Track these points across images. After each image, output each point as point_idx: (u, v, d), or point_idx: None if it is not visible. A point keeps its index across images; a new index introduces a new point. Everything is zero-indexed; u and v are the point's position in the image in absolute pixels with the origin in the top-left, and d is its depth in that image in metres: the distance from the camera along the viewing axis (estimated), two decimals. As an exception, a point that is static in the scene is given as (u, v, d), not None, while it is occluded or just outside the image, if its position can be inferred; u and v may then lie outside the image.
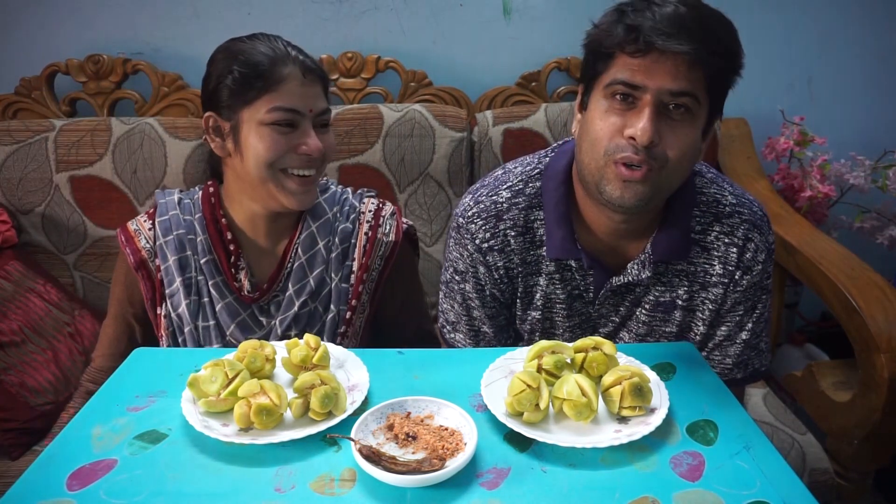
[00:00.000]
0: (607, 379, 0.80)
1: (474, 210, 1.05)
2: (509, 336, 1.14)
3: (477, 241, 1.04)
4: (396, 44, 1.87)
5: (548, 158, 1.05)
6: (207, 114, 1.06)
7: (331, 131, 1.10)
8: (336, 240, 1.14)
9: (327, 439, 0.76)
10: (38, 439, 1.41)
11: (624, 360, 0.89)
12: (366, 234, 1.16)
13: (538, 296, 1.06)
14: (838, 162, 1.88)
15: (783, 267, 1.61)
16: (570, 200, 1.01)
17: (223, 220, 1.13)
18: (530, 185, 1.03)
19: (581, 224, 1.01)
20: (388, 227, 1.17)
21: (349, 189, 1.22)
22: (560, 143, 1.08)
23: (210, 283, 1.11)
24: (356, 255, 1.15)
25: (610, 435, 0.76)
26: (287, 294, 1.12)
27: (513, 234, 1.03)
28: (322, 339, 0.90)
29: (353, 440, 0.72)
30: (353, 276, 1.15)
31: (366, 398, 0.83)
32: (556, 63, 1.85)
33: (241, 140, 1.04)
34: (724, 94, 0.91)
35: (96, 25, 1.83)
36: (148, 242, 1.13)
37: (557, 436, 0.75)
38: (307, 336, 0.88)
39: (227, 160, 1.09)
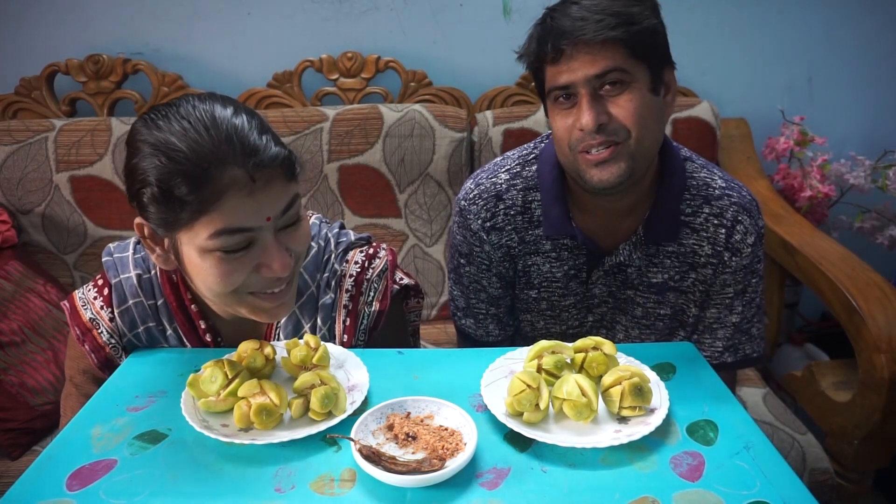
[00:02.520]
0: (607, 379, 0.80)
1: (475, 192, 1.10)
2: (517, 317, 1.18)
3: (479, 221, 1.08)
4: (396, 44, 1.88)
5: (542, 144, 1.10)
6: (138, 220, 0.82)
7: (304, 220, 0.85)
8: (319, 320, 0.96)
9: (327, 439, 0.76)
10: (38, 439, 1.41)
11: (624, 360, 0.89)
12: (345, 307, 0.96)
13: (535, 274, 1.11)
14: (838, 162, 1.88)
15: (783, 267, 1.61)
16: (565, 182, 1.06)
17: (192, 306, 0.93)
18: (527, 168, 1.09)
19: (575, 205, 1.06)
20: (371, 294, 0.97)
21: (332, 238, 1.01)
22: None
23: None
24: (337, 333, 0.97)
25: (610, 435, 0.76)
26: None
27: (512, 213, 1.08)
28: None
29: (353, 440, 0.72)
30: None
31: (366, 398, 0.82)
32: (556, 63, 1.85)
33: (183, 260, 0.82)
34: (655, 49, 0.93)
35: (96, 25, 1.83)
36: (112, 338, 0.93)
37: (557, 436, 0.75)
38: (307, 336, 0.88)
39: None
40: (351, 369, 0.89)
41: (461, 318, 1.19)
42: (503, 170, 1.10)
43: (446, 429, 0.76)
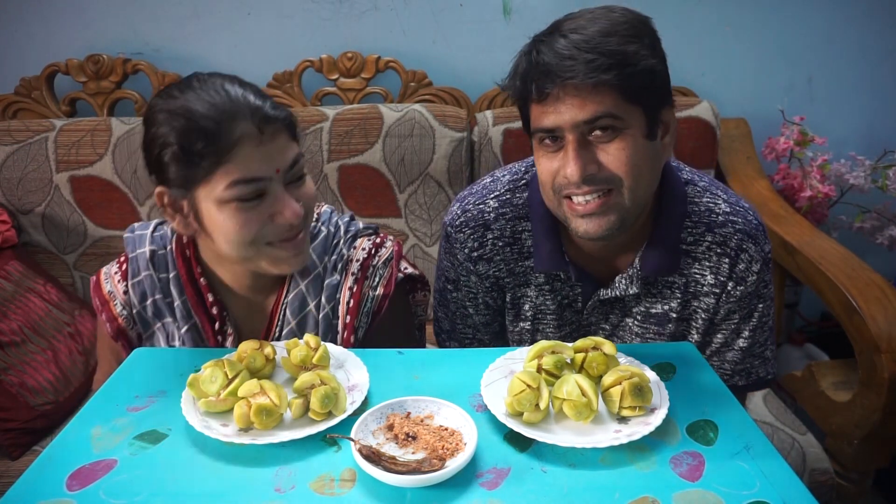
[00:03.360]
0: (607, 379, 0.80)
1: (462, 219, 1.04)
2: (505, 342, 1.14)
3: (466, 251, 1.03)
4: (396, 44, 1.87)
5: (535, 168, 1.03)
6: (158, 189, 0.89)
7: (308, 179, 0.94)
8: (324, 298, 1.00)
9: (327, 439, 0.76)
10: (38, 439, 1.41)
11: (624, 360, 0.89)
12: (350, 288, 1.00)
13: (527, 307, 1.06)
14: (838, 162, 1.88)
15: (783, 267, 1.61)
16: None
17: (202, 279, 0.98)
18: (517, 195, 1.02)
19: (568, 236, 0.99)
20: (377, 279, 1.01)
21: (342, 224, 1.06)
22: None
23: None
24: (340, 314, 1.00)
25: (610, 435, 0.76)
26: None
27: (500, 244, 1.02)
28: None
29: (353, 440, 0.72)
30: (339, 337, 1.00)
31: (366, 398, 0.82)
32: (556, 63, 1.85)
33: (203, 221, 0.89)
34: (652, 90, 0.85)
35: (96, 25, 1.83)
36: (124, 309, 0.99)
37: (557, 436, 0.75)
38: (307, 336, 0.88)
39: (198, 235, 0.94)
40: (351, 369, 0.89)
41: (445, 340, 1.14)
42: (492, 196, 1.03)
43: (446, 429, 0.76)
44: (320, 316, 1.00)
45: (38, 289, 1.58)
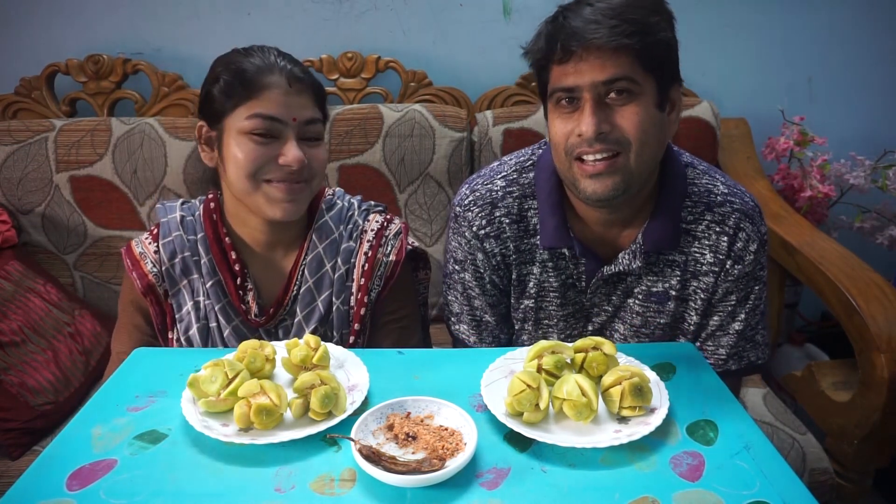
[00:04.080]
0: (607, 379, 0.80)
1: (470, 198, 1.08)
2: (511, 325, 1.16)
3: (474, 229, 1.07)
4: (396, 44, 1.88)
5: (540, 150, 1.08)
6: (199, 123, 1.04)
7: (323, 146, 1.04)
8: (339, 260, 1.09)
9: (327, 439, 0.76)
10: (38, 439, 1.41)
11: (624, 360, 0.89)
12: (365, 253, 1.10)
13: (531, 284, 1.09)
14: (838, 162, 1.88)
15: (783, 267, 1.61)
16: (562, 191, 1.04)
17: (227, 238, 1.08)
18: (524, 175, 1.07)
19: (573, 213, 1.04)
20: (389, 248, 1.11)
21: (356, 202, 1.16)
22: None
23: (217, 307, 1.06)
24: (355, 277, 1.10)
25: (610, 435, 0.76)
26: (296, 320, 1.08)
27: (507, 221, 1.06)
28: None
29: (353, 440, 0.72)
30: (353, 298, 1.09)
31: (366, 398, 0.83)
32: (556, 63, 1.85)
33: (223, 149, 1.01)
34: (666, 63, 0.91)
35: (96, 25, 1.83)
36: (155, 266, 1.07)
37: (557, 436, 0.75)
38: (307, 336, 0.88)
39: (220, 172, 1.06)
40: (351, 369, 0.89)
41: (455, 323, 1.16)
42: (499, 176, 1.08)
43: (446, 429, 0.76)
44: (335, 276, 1.09)
45: (38, 289, 1.58)
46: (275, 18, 1.84)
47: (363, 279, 1.09)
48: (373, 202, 1.18)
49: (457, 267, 1.12)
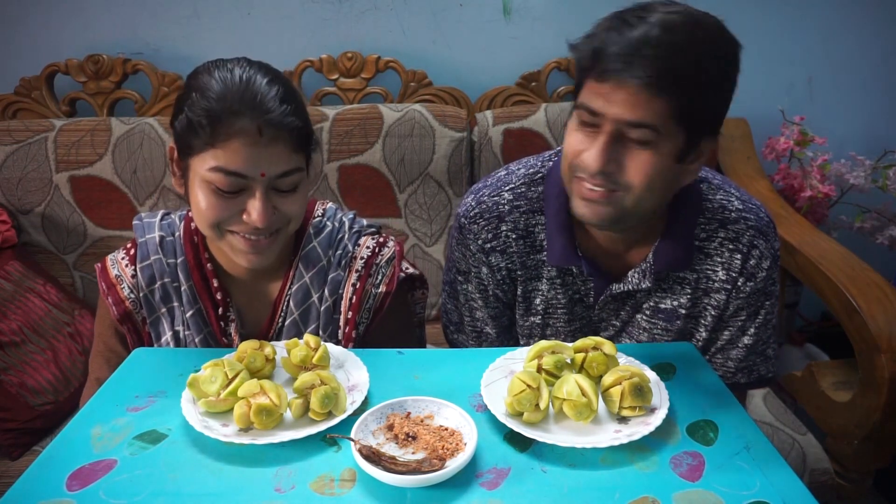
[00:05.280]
0: (607, 379, 0.80)
1: (476, 210, 1.04)
2: (512, 337, 1.14)
3: (479, 242, 1.04)
4: (396, 44, 1.87)
5: (551, 163, 1.04)
6: (171, 144, 0.94)
7: (300, 192, 0.93)
8: (326, 291, 1.02)
9: (327, 439, 0.76)
10: (38, 439, 1.41)
11: (624, 360, 0.89)
12: (353, 284, 1.02)
13: (538, 300, 1.06)
14: (838, 162, 1.88)
15: (783, 267, 1.61)
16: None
17: (208, 264, 1.01)
18: (532, 188, 1.03)
19: (582, 230, 1.00)
20: (379, 277, 1.03)
21: (347, 221, 1.08)
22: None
23: (197, 339, 1.00)
24: (343, 309, 1.02)
25: (610, 435, 0.76)
26: None
27: (513, 237, 1.03)
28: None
29: (353, 440, 0.72)
30: (340, 332, 1.03)
31: (366, 398, 0.82)
32: (557, 63, 1.85)
33: (188, 186, 0.92)
34: (709, 121, 0.86)
35: (96, 25, 1.83)
36: (132, 292, 1.01)
37: (557, 436, 0.75)
38: (307, 336, 0.88)
39: None
40: (351, 369, 0.89)
41: (453, 332, 1.14)
42: (507, 188, 1.03)
43: (446, 429, 0.76)
44: (322, 308, 1.02)
45: (38, 289, 1.58)
46: (275, 18, 1.84)
47: (350, 312, 1.02)
48: (365, 222, 1.10)
49: (460, 278, 1.09)
